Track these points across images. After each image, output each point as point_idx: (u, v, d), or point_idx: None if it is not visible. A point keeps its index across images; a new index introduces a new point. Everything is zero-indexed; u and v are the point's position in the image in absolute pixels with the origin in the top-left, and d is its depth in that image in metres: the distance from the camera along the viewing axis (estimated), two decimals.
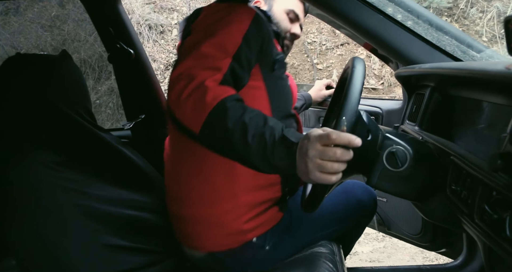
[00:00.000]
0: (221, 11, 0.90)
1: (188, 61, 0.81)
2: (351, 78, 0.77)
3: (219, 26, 0.86)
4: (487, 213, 0.65)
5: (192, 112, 0.74)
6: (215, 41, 0.83)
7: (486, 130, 0.84)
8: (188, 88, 0.75)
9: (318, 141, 0.67)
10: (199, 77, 0.77)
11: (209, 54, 0.81)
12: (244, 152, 0.73)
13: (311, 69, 4.92)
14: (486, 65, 0.67)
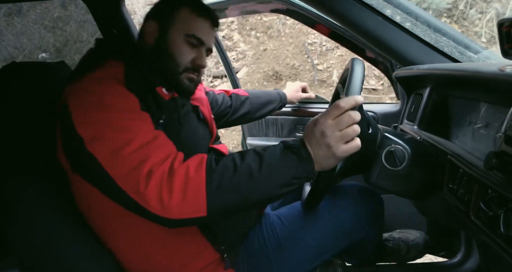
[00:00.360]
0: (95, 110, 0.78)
1: (127, 163, 0.73)
2: (351, 76, 0.80)
3: (119, 126, 0.76)
4: (483, 210, 0.67)
5: (185, 203, 0.70)
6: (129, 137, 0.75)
7: (482, 130, 0.85)
8: (163, 183, 0.70)
9: (328, 117, 0.71)
10: (161, 168, 0.71)
11: (139, 148, 0.74)
12: (263, 191, 0.73)
13: (312, 70, 4.93)
14: (481, 67, 0.69)
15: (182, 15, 0.95)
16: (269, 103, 1.52)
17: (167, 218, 0.70)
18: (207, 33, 0.98)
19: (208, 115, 1.07)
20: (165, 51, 0.95)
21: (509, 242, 0.59)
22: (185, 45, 0.95)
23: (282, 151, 0.74)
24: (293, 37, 5.29)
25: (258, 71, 5.25)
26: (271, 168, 0.72)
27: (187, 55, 0.95)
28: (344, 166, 0.88)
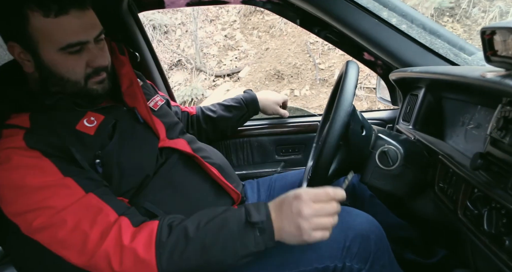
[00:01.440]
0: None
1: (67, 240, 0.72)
2: (345, 80, 0.82)
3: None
4: (469, 209, 0.69)
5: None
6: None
7: (474, 130, 0.87)
8: (111, 256, 0.70)
9: (312, 199, 0.70)
10: (105, 245, 0.71)
11: (75, 219, 0.72)
12: (214, 266, 0.73)
13: (313, 69, 4.95)
14: (466, 71, 0.71)
15: (37, 26, 0.74)
16: (232, 108, 1.34)
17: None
18: (80, 28, 0.77)
19: (147, 115, 0.94)
20: (53, 76, 0.79)
21: (492, 239, 0.61)
22: (67, 58, 0.78)
23: (243, 226, 0.72)
24: (295, 36, 5.30)
25: (260, 70, 5.27)
26: (226, 245, 0.71)
27: (77, 66, 0.80)
28: (339, 166, 0.91)
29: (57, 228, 0.71)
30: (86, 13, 0.78)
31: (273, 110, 1.41)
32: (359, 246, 0.83)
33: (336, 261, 0.83)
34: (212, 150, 1.11)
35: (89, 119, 0.84)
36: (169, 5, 1.37)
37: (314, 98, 4.77)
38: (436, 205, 0.86)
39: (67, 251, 0.72)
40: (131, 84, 0.95)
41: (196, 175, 0.97)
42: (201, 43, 5.97)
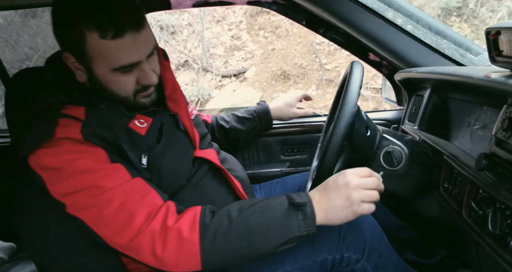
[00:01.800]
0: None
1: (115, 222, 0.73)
2: (349, 80, 0.83)
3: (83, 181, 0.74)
4: (474, 209, 0.69)
5: (179, 259, 0.71)
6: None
7: (480, 131, 0.87)
8: (156, 240, 0.71)
9: (357, 174, 0.75)
10: (150, 227, 0.72)
11: (123, 203, 0.73)
12: (257, 250, 0.73)
13: (320, 69, 4.94)
14: (472, 72, 0.71)
15: (93, 46, 0.74)
16: (245, 120, 1.31)
17: (163, 270, 0.73)
18: (134, 49, 0.76)
19: (188, 123, 0.96)
20: (104, 91, 0.81)
21: (497, 240, 0.61)
22: (119, 77, 0.79)
23: (286, 209, 0.73)
24: (301, 37, 5.30)
25: (266, 70, 5.28)
26: (269, 227, 0.72)
27: (128, 84, 0.81)
28: (343, 166, 0.91)
29: (103, 206, 0.72)
30: (142, 33, 0.76)
31: (288, 114, 1.35)
32: (354, 236, 0.85)
33: (333, 252, 0.85)
34: (234, 161, 1.11)
35: (139, 121, 0.85)
36: (175, 6, 1.38)
37: (320, 99, 4.76)
38: (441, 205, 0.86)
39: (109, 229, 0.72)
40: (174, 89, 0.96)
41: (222, 188, 0.97)
42: (207, 43, 6.00)
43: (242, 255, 0.74)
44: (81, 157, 0.74)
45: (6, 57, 4.92)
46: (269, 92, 5.03)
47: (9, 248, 1.34)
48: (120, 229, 0.72)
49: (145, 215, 0.73)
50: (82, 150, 0.75)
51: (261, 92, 5.04)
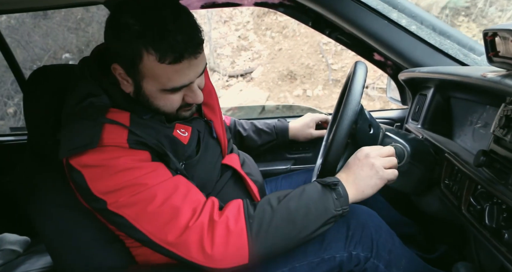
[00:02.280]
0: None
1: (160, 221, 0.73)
2: (353, 80, 0.85)
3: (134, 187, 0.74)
4: (472, 204, 0.72)
5: (228, 253, 0.72)
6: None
7: (482, 129, 0.89)
8: (204, 235, 0.72)
9: (371, 147, 0.85)
10: (199, 221, 0.72)
11: (170, 205, 0.74)
12: (301, 233, 0.76)
13: (326, 70, 4.95)
14: (470, 71, 0.73)
15: (148, 66, 0.74)
16: (263, 133, 1.31)
17: (210, 267, 0.72)
18: (189, 74, 0.76)
19: (221, 132, 0.96)
20: (149, 105, 0.81)
21: (493, 233, 0.64)
22: (167, 95, 0.79)
23: (320, 190, 0.78)
24: (308, 37, 5.32)
25: (273, 70, 5.30)
26: (308, 210, 0.75)
27: (174, 102, 0.81)
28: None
29: (147, 202, 0.72)
30: (198, 57, 0.75)
31: (305, 135, 1.32)
32: (361, 234, 0.87)
33: (341, 251, 0.87)
34: (251, 162, 1.12)
35: (180, 130, 0.86)
36: None
37: (327, 99, 4.77)
38: (442, 201, 0.88)
39: (154, 226, 0.72)
40: (210, 94, 0.96)
41: (242, 193, 0.98)
42: (215, 43, 6.03)
43: (286, 242, 0.76)
44: (124, 155, 0.74)
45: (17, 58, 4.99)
46: (276, 92, 5.05)
47: (24, 241, 1.39)
48: (166, 225, 0.71)
49: (191, 210, 0.73)
50: (127, 153, 0.75)
51: (267, 92, 5.07)
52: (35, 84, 0.87)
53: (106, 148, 0.74)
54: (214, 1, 1.39)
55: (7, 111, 4.96)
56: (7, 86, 4.92)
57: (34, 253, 1.28)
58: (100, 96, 0.79)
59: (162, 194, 0.73)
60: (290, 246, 0.77)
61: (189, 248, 0.71)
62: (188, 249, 0.71)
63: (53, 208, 0.86)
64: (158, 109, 0.82)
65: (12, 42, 4.99)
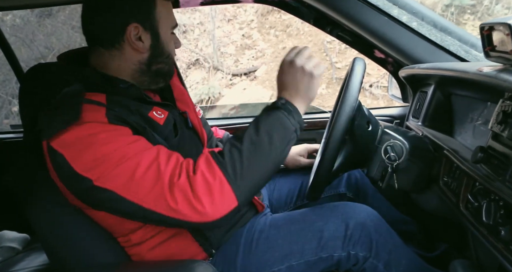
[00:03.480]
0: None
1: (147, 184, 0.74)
2: (350, 76, 0.84)
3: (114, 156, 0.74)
4: (470, 201, 0.71)
5: (216, 203, 0.73)
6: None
7: (482, 126, 0.88)
8: (189, 195, 0.72)
9: (289, 53, 0.87)
10: (180, 180, 0.73)
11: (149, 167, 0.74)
12: (273, 158, 0.78)
13: (330, 68, 4.94)
14: (467, 67, 0.72)
15: (160, 9, 0.85)
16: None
17: (207, 222, 0.73)
18: (173, 12, 0.91)
19: (196, 121, 0.99)
20: (162, 54, 0.88)
21: (490, 230, 0.63)
22: (172, 38, 0.91)
23: (271, 113, 0.80)
24: (312, 35, 5.30)
25: (276, 69, 5.26)
26: (271, 135, 0.77)
27: (174, 46, 0.92)
28: (345, 160, 0.93)
29: (131, 171, 0.73)
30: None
31: (293, 161, 1.29)
32: (360, 234, 0.86)
33: (339, 250, 0.86)
34: None
35: (157, 112, 0.87)
36: (183, 4, 1.41)
37: (331, 97, 4.76)
38: (441, 199, 0.87)
39: (142, 192, 0.72)
40: (182, 93, 1.02)
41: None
42: (218, 42, 6.04)
43: (263, 173, 0.77)
44: (104, 130, 0.75)
45: (22, 56, 5.05)
46: None
47: (23, 239, 1.40)
48: (153, 189, 0.72)
49: (170, 169, 0.74)
50: (107, 128, 0.76)
51: (271, 91, 5.06)
52: (31, 81, 0.87)
53: (86, 125, 0.75)
54: None
55: (12, 110, 5.01)
56: (12, 85, 4.97)
57: (33, 250, 1.29)
58: (72, 84, 0.82)
59: (145, 161, 0.74)
60: (269, 174, 0.78)
61: (183, 209, 0.72)
62: (181, 211, 0.72)
63: (49, 206, 0.86)
64: (168, 55, 0.89)
65: (17, 41, 5.03)
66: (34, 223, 0.87)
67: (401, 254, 0.90)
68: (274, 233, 0.92)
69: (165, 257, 0.88)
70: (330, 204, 0.97)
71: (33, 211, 0.86)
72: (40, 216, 0.86)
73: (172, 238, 0.88)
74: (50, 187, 0.86)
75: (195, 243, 0.90)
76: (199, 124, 0.99)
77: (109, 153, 0.73)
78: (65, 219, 0.86)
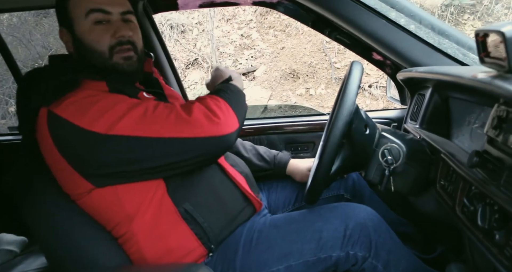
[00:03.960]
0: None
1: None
2: (348, 79, 0.85)
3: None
4: (466, 205, 0.71)
5: (227, 119, 0.85)
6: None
7: (479, 130, 0.89)
8: (206, 111, 0.83)
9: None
10: (196, 104, 0.85)
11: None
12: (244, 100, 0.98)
13: (329, 68, 4.94)
14: (463, 72, 0.73)
15: (72, 0, 0.87)
16: (262, 160, 1.27)
17: (222, 135, 0.81)
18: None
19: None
20: (85, 49, 0.88)
21: (485, 234, 0.63)
22: (94, 28, 0.87)
23: (227, 85, 0.97)
24: (311, 35, 5.31)
25: (275, 69, 5.30)
26: (236, 93, 0.95)
27: (102, 38, 0.87)
28: (343, 164, 0.93)
29: (141, 113, 0.79)
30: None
31: (302, 175, 1.24)
32: (359, 234, 0.87)
33: (337, 250, 0.87)
34: (236, 157, 1.15)
35: (146, 94, 0.94)
36: (182, 6, 1.42)
37: (330, 97, 4.76)
38: (438, 202, 0.88)
39: (159, 123, 0.78)
40: (171, 90, 1.10)
41: (229, 184, 1.00)
42: (217, 42, 6.04)
43: (244, 109, 0.93)
44: (105, 96, 0.81)
45: (19, 56, 5.04)
46: (279, 91, 5.05)
47: (21, 241, 1.40)
48: (168, 117, 0.79)
49: (183, 104, 0.85)
50: (109, 95, 0.82)
51: (270, 91, 5.06)
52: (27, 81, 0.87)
53: (88, 91, 0.81)
54: (212, 0, 1.40)
55: (8, 110, 5.00)
56: (8, 85, 4.96)
57: (31, 253, 1.29)
58: (65, 75, 0.84)
59: (151, 104, 0.81)
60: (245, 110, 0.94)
61: (201, 122, 0.79)
62: (200, 124, 0.79)
63: (46, 208, 0.86)
64: (91, 49, 0.87)
65: (14, 40, 5.02)
66: (32, 226, 0.87)
67: (400, 254, 0.91)
68: (273, 233, 0.93)
69: (164, 252, 0.89)
70: (330, 204, 0.98)
71: (31, 213, 0.87)
72: (38, 218, 0.87)
73: (171, 231, 0.89)
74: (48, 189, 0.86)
75: (194, 236, 0.91)
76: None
77: (114, 105, 0.78)
78: (64, 222, 0.87)
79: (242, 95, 0.97)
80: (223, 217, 0.95)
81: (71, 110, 0.76)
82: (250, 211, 1.02)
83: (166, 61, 1.53)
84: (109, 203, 0.85)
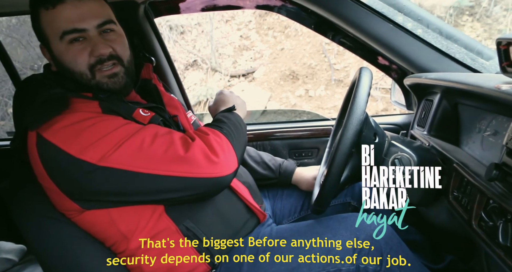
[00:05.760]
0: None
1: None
2: (357, 87, 0.82)
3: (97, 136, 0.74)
4: (484, 220, 0.68)
5: (226, 158, 0.81)
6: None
7: (491, 138, 0.86)
8: (205, 149, 0.80)
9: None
10: (196, 141, 0.81)
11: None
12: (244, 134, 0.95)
13: (329, 69, 4.92)
14: (482, 81, 0.70)
15: (44, 21, 0.80)
16: (267, 168, 1.24)
17: (220, 176, 0.78)
18: (77, 16, 0.79)
19: (187, 124, 0.98)
20: (63, 69, 0.83)
21: (507, 253, 0.61)
22: (69, 47, 0.80)
23: (230, 116, 0.96)
24: (311, 37, 5.28)
25: (275, 70, 5.27)
26: (237, 126, 0.93)
27: (79, 56, 0.81)
28: (351, 173, 0.91)
29: (137, 145, 0.73)
30: (86, 2, 0.81)
31: (307, 184, 1.20)
32: (369, 247, 0.84)
33: (347, 264, 0.84)
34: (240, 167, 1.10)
35: (143, 110, 0.87)
36: (184, 10, 1.39)
37: (329, 99, 4.74)
38: (450, 213, 0.85)
39: (156, 158, 0.74)
40: (171, 100, 1.02)
41: (231, 196, 0.97)
42: (216, 43, 6.01)
43: (244, 144, 0.92)
44: (98, 118, 0.75)
45: (18, 57, 5.00)
46: (278, 92, 5.02)
47: (19, 250, 1.37)
48: (165, 153, 0.74)
49: (182, 137, 0.79)
50: (101, 116, 0.76)
51: (269, 92, 5.04)
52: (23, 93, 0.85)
53: (79, 113, 0.75)
54: (215, 4, 1.38)
55: (7, 111, 4.96)
56: (7, 86, 4.92)
57: (30, 262, 1.27)
58: (55, 88, 0.80)
59: (149, 133, 0.75)
60: (245, 146, 0.94)
61: (199, 162, 0.76)
62: (198, 163, 0.76)
63: (40, 220, 0.83)
64: (69, 69, 0.82)
65: (13, 41, 4.98)
66: (28, 237, 0.84)
67: (412, 267, 0.88)
68: (279, 245, 0.89)
69: (166, 270, 0.86)
70: (338, 215, 0.95)
71: (25, 224, 0.84)
72: (34, 230, 0.84)
73: (172, 249, 0.86)
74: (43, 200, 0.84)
75: (196, 253, 0.88)
76: (190, 127, 0.99)
77: (108, 133, 0.72)
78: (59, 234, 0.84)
79: (244, 128, 0.95)
80: (226, 231, 0.92)
81: (61, 136, 0.72)
82: (254, 223, 1.00)
83: (168, 65, 1.50)
84: (102, 224, 0.82)
